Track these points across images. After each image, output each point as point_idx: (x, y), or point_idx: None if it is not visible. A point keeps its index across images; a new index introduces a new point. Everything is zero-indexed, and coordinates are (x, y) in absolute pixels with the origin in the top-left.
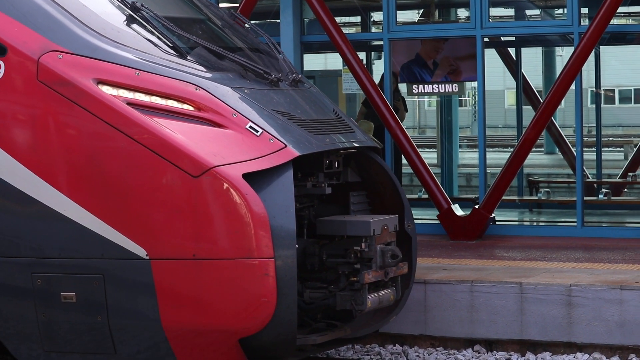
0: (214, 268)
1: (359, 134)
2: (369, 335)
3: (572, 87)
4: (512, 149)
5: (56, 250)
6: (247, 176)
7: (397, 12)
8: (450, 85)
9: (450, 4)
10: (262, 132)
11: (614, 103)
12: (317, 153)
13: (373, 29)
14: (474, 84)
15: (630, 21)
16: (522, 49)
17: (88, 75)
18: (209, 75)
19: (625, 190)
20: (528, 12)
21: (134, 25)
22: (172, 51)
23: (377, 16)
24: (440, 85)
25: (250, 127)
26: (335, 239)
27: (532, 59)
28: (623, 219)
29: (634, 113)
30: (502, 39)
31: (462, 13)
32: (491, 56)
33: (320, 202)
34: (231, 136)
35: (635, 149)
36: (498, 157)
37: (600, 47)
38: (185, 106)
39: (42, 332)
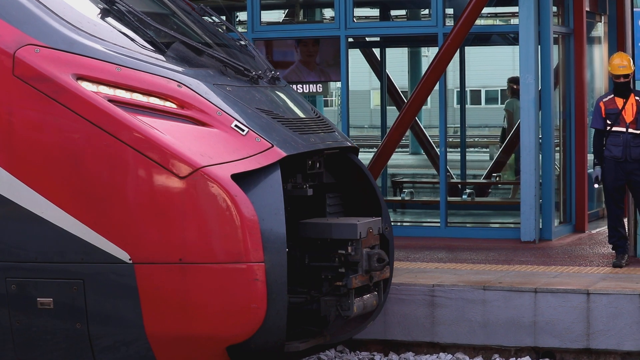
0: (201, 273)
1: (338, 134)
2: (345, 342)
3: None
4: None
5: (32, 253)
6: (234, 177)
7: (262, 12)
8: (315, 85)
9: (315, 4)
10: (248, 131)
11: (480, 104)
12: (299, 153)
13: (238, 29)
14: (339, 84)
15: (497, 22)
16: (388, 49)
17: (67, 71)
18: (190, 71)
19: (490, 190)
20: (393, 12)
21: (110, 19)
22: (150, 46)
23: (242, 16)
24: (304, 85)
25: (236, 126)
26: (317, 241)
27: (398, 59)
28: (487, 220)
29: (500, 114)
30: (367, 39)
31: (328, 13)
32: (357, 56)
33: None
34: (217, 135)
35: (499, 150)
36: (364, 158)
37: (466, 47)
38: (168, 104)
39: (16, 339)
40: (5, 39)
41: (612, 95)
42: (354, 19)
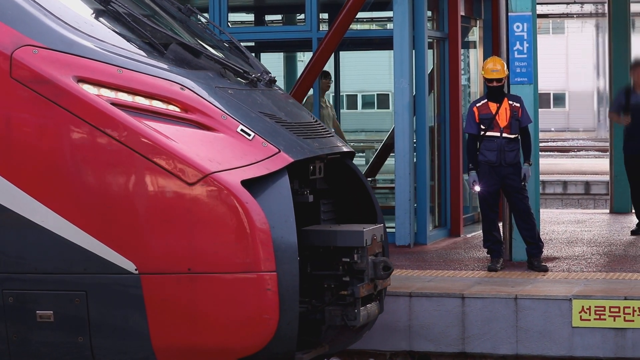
0: (211, 283)
1: (337, 139)
2: (342, 352)
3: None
4: None
5: (31, 264)
6: (243, 184)
7: None
8: None
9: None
10: (254, 135)
11: (357, 108)
12: (302, 159)
13: None
14: None
15: (373, 26)
16: (263, 54)
17: (67, 73)
18: (191, 74)
19: None
20: (269, 17)
21: (107, 20)
22: (148, 48)
23: None
24: None
25: (242, 130)
26: (319, 249)
27: (274, 64)
28: None
29: (376, 118)
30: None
31: (202, 18)
32: None
33: None
34: (223, 140)
35: (375, 154)
36: None
37: (341, 52)
38: (171, 107)
39: (13, 354)
40: (1, 40)
41: (486, 100)
42: (229, 24)
